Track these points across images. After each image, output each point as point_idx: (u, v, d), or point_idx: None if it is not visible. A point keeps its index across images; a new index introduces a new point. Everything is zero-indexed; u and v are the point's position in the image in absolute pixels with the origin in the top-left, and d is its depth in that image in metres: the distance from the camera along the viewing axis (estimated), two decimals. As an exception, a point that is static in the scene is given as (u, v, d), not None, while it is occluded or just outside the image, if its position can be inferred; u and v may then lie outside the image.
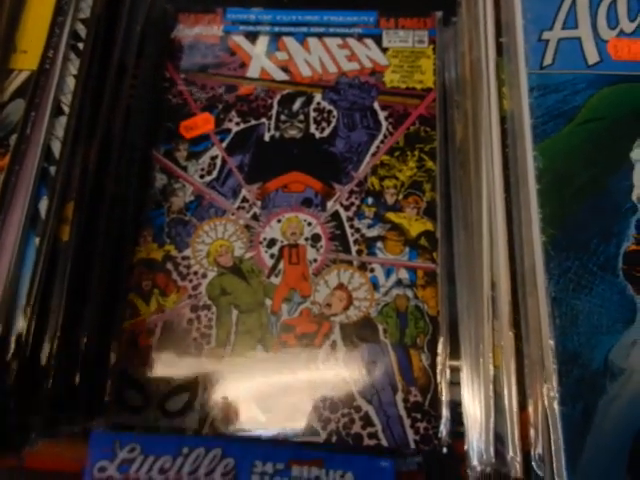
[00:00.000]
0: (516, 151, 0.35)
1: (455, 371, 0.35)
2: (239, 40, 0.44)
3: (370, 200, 0.38)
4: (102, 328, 0.34)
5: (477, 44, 0.39)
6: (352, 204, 0.38)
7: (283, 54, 0.43)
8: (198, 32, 0.44)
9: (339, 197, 0.38)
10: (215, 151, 0.40)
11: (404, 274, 0.37)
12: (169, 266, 0.37)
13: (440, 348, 0.36)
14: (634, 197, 0.33)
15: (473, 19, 0.41)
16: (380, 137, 0.40)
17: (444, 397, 0.35)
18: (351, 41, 0.44)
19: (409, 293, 0.36)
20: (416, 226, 0.38)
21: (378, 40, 0.44)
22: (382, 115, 0.41)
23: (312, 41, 0.44)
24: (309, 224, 0.38)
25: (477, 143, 0.37)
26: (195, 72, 0.43)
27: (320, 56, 0.43)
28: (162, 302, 0.36)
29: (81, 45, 0.34)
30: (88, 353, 0.32)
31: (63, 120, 0.33)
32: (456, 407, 0.35)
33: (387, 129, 0.40)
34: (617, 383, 0.29)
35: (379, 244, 0.37)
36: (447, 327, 0.36)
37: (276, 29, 0.44)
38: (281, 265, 0.37)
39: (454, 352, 0.36)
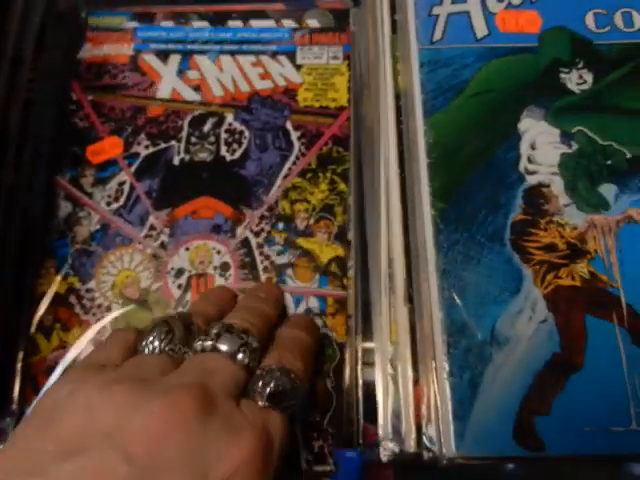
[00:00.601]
0: (408, 126, 0.35)
1: (368, 352, 0.35)
2: (149, 59, 0.43)
3: (281, 225, 0.37)
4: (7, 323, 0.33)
5: (374, 23, 0.39)
6: (262, 230, 0.37)
7: (195, 73, 0.42)
8: (107, 51, 0.43)
9: (249, 223, 0.37)
10: (123, 176, 0.38)
11: (314, 302, 0.35)
12: (72, 299, 0.35)
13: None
14: (521, 167, 0.33)
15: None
16: (292, 158, 0.39)
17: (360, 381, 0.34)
18: (265, 59, 0.43)
19: (318, 322, 0.35)
20: (327, 252, 0.37)
21: (292, 57, 0.43)
22: (294, 135, 0.40)
23: (225, 59, 0.43)
24: (218, 252, 0.37)
25: (377, 120, 0.37)
26: (103, 93, 0.41)
27: (233, 75, 0.42)
28: (64, 338, 0.35)
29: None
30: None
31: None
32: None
33: (299, 150, 0.39)
34: (503, 352, 0.29)
35: (289, 271, 0.36)
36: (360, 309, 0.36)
37: (188, 47, 0.43)
38: (188, 296, 0.36)
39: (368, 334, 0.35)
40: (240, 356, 0.26)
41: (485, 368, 0.29)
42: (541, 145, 0.33)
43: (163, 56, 0.43)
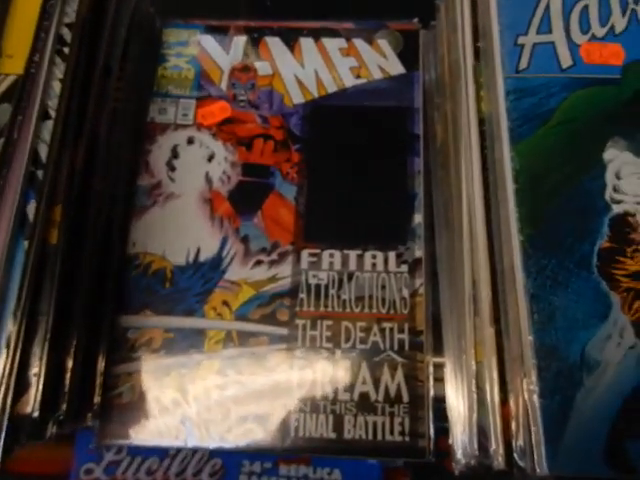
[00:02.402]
0: (494, 152, 0.36)
1: (439, 367, 0.36)
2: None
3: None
4: (91, 329, 0.34)
5: (455, 48, 0.40)
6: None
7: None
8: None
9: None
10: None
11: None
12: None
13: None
14: (607, 196, 0.34)
15: (451, 23, 0.42)
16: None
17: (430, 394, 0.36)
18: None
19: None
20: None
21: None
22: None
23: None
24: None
25: (457, 144, 0.38)
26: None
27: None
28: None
29: (66, 49, 0.34)
30: (77, 354, 0.32)
31: (50, 124, 0.33)
32: (440, 403, 0.36)
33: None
34: (593, 376, 0.30)
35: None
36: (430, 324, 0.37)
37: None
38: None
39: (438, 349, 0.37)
40: None
41: (576, 391, 0.30)
42: (626, 175, 0.34)
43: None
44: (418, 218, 0.40)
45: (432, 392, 0.36)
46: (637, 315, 0.31)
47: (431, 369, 0.36)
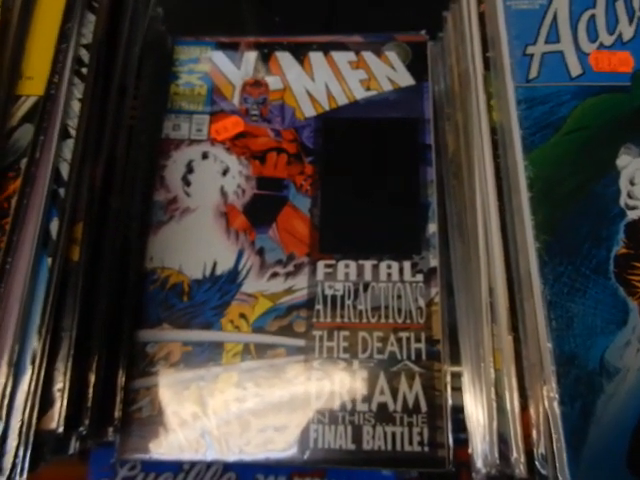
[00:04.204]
0: (507, 161, 0.36)
1: (456, 377, 0.37)
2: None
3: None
4: (111, 344, 0.35)
5: (465, 58, 0.41)
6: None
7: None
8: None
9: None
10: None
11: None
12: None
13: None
14: (622, 203, 0.34)
15: (459, 34, 0.42)
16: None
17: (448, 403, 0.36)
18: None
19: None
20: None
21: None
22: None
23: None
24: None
25: (469, 154, 0.38)
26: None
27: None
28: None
29: (84, 70, 0.35)
30: (98, 369, 0.32)
31: (70, 142, 0.33)
32: (458, 413, 0.36)
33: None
34: (613, 382, 0.30)
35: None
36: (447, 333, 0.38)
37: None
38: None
39: (455, 358, 0.37)
40: None
41: (597, 398, 0.30)
42: (640, 181, 0.34)
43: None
44: (432, 227, 0.40)
45: (450, 401, 0.36)
46: (655, 320, 0.31)
47: (449, 378, 0.37)
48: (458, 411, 0.36)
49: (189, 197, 0.41)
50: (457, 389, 0.36)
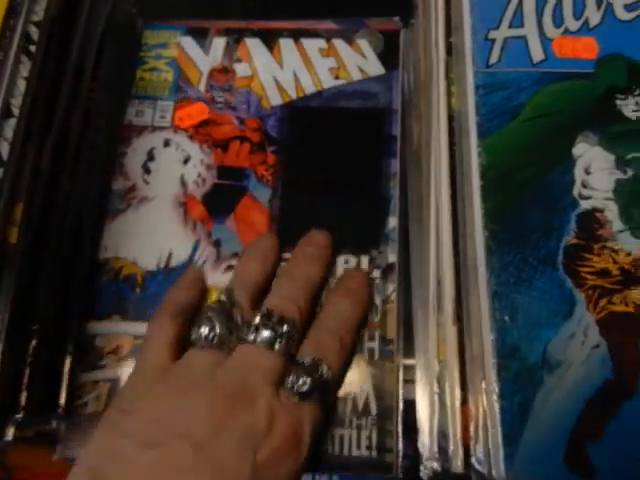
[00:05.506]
0: (462, 148, 0.35)
1: (410, 377, 0.35)
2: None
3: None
4: (57, 333, 0.34)
5: (429, 44, 0.40)
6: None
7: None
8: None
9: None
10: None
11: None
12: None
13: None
14: (575, 192, 0.33)
15: (427, 20, 0.41)
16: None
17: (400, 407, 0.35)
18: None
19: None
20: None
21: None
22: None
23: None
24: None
25: (427, 142, 0.37)
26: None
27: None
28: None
29: (33, 48, 0.35)
30: (38, 356, 0.32)
31: (13, 122, 0.33)
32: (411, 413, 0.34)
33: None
34: (555, 376, 0.29)
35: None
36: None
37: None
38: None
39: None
40: (277, 347, 0.29)
41: (536, 392, 0.29)
42: (596, 170, 0.33)
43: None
44: (393, 221, 0.39)
45: (402, 405, 0.34)
46: (602, 314, 0.30)
47: (402, 377, 0.35)
48: (413, 412, 0.34)
49: (148, 185, 0.40)
50: (411, 386, 0.35)
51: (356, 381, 0.34)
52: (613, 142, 0.34)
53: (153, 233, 0.39)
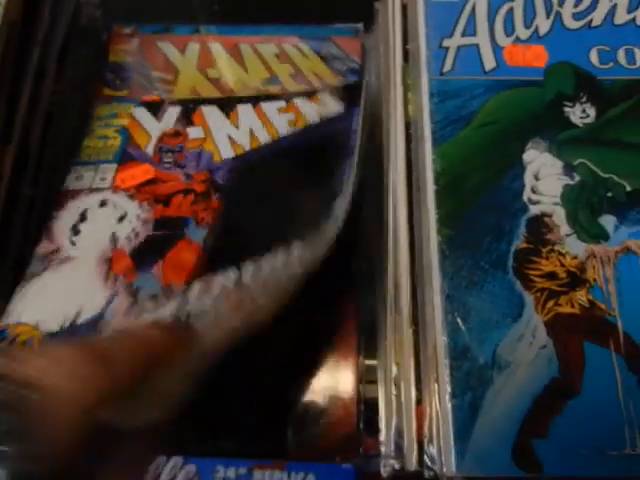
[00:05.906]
0: (417, 155, 0.36)
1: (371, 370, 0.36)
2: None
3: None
4: None
5: (386, 51, 0.40)
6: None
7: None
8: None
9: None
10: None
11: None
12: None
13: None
14: (525, 197, 0.34)
15: (386, 27, 0.42)
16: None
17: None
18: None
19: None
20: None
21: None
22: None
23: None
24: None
25: (386, 147, 0.38)
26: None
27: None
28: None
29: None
30: None
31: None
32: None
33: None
34: (504, 376, 0.30)
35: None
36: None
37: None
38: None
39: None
40: None
41: (486, 391, 0.30)
42: (545, 176, 0.34)
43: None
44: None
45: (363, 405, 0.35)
46: (550, 315, 0.31)
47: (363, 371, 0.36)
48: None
49: (73, 246, 0.38)
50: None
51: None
52: (561, 148, 0.35)
53: (65, 293, 0.37)
